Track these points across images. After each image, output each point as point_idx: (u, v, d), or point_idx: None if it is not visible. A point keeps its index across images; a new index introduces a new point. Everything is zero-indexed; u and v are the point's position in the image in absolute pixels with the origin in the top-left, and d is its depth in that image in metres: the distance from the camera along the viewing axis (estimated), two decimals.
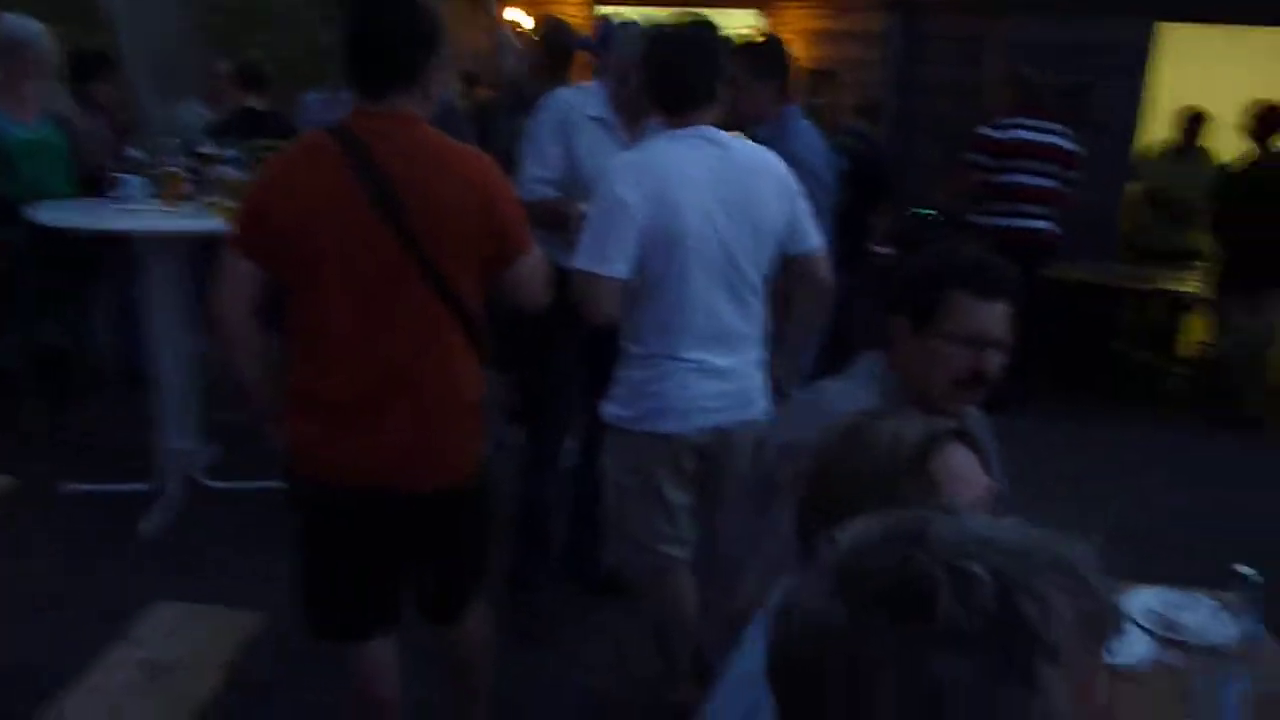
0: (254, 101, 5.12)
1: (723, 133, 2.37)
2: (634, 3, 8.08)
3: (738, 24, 7.68)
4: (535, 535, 3.29)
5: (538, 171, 2.96)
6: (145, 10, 11.67)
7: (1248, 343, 5.64)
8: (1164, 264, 6.30)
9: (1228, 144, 6.68)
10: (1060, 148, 5.50)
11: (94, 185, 3.90)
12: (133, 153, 3.81)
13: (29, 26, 3.90)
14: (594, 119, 2.97)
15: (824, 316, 2.61)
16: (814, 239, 2.48)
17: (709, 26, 2.39)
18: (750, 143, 2.46)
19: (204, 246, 3.80)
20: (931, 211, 6.33)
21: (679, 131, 2.33)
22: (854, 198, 4.65)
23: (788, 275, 2.49)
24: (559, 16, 5.12)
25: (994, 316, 1.73)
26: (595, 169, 2.88)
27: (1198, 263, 6.32)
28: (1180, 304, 6.29)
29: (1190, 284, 6.06)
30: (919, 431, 1.14)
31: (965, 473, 1.15)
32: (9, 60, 3.85)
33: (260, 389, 2.08)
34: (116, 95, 4.92)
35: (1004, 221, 5.47)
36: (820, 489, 1.16)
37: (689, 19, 2.41)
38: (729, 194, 2.31)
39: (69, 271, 4.00)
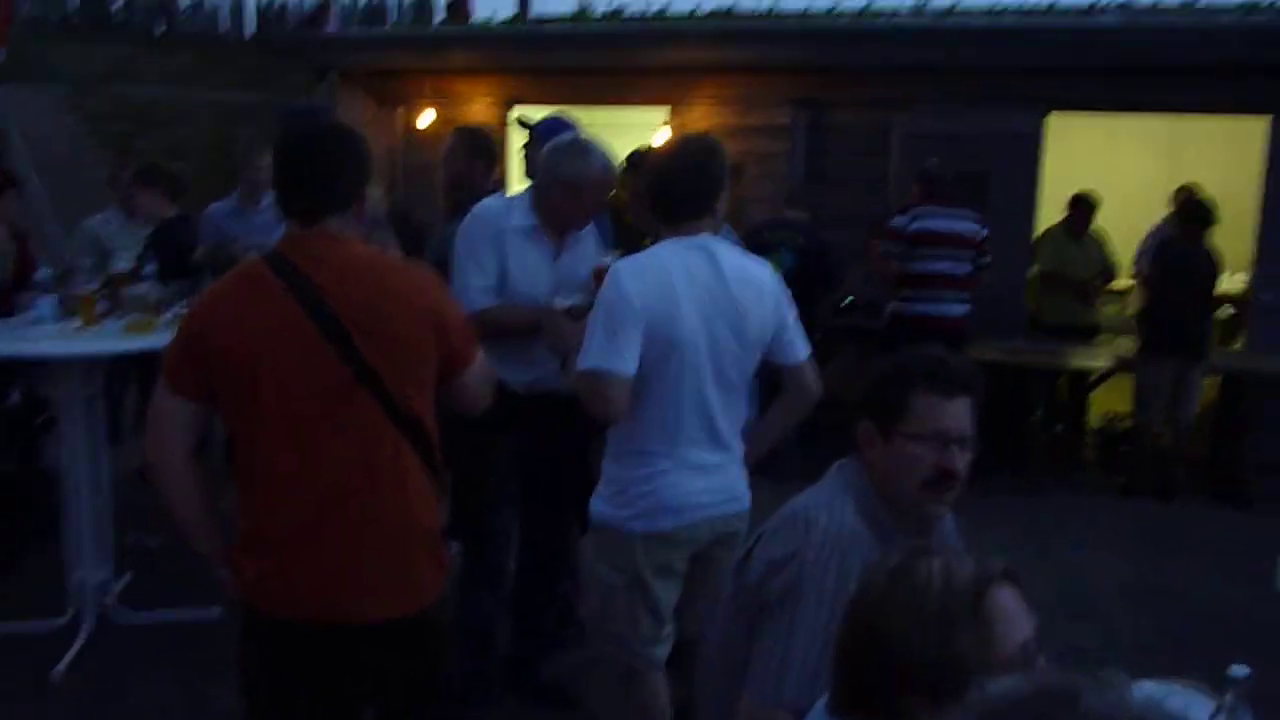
0: (170, 209, 4.98)
1: (719, 242, 2.45)
2: (547, 101, 8.25)
3: (646, 121, 7.93)
4: (478, 650, 3.23)
5: (479, 281, 3.00)
6: (33, 119, 11.44)
7: (1166, 412, 5.88)
8: (1068, 340, 6.56)
9: (1116, 225, 7.09)
10: (969, 234, 5.71)
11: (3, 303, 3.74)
12: (43, 271, 3.66)
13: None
14: (521, 228, 3.03)
15: (804, 416, 2.67)
16: (802, 350, 2.58)
17: (709, 142, 2.52)
18: (744, 253, 2.53)
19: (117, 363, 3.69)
20: (848, 299, 6.50)
21: (679, 239, 2.42)
22: (803, 293, 4.77)
23: (778, 382, 2.60)
24: (471, 124, 5.18)
25: (956, 412, 1.76)
26: (525, 278, 2.99)
27: (1099, 337, 6.61)
28: (1089, 378, 6.54)
29: (1098, 358, 6.31)
30: (970, 572, 1.13)
31: (1016, 613, 1.15)
32: None
33: (204, 530, 1.99)
34: (18, 208, 4.73)
35: (923, 307, 5.64)
36: (867, 630, 1.13)
37: (691, 134, 2.53)
38: (722, 302, 2.39)
39: None
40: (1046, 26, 7.47)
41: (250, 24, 17.99)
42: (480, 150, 4.06)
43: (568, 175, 2.95)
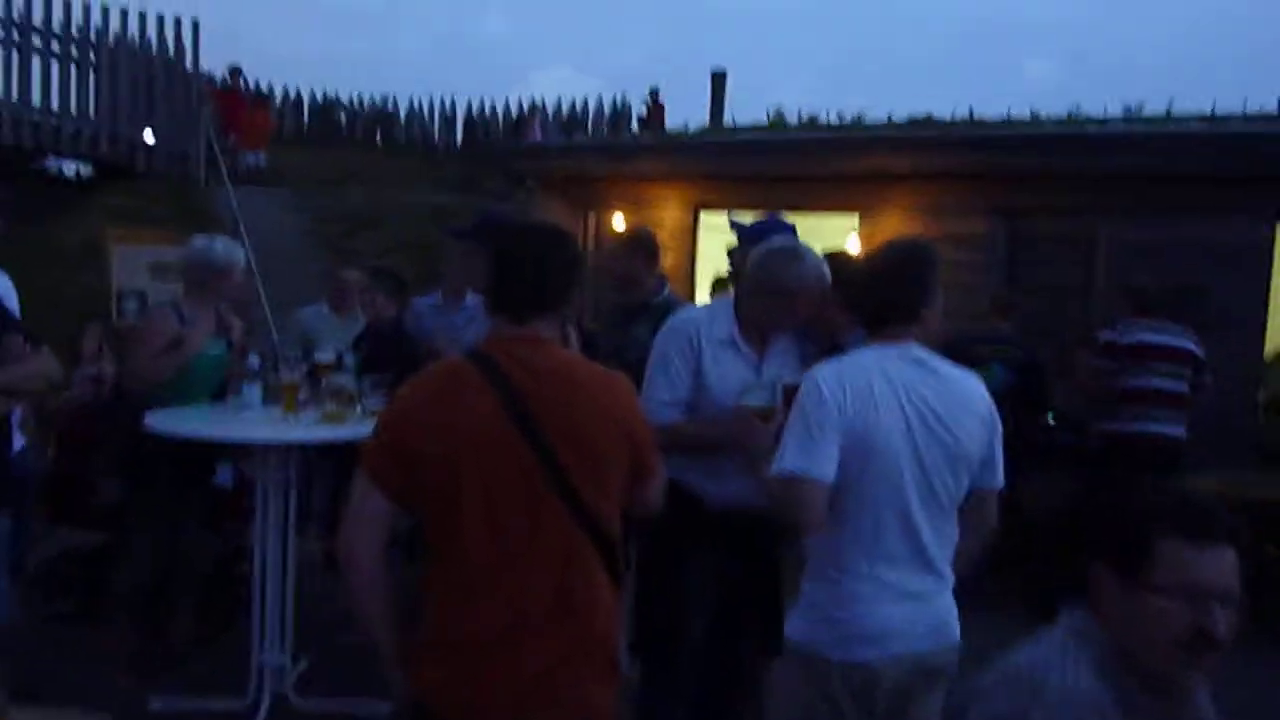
0: (393, 309, 5.10)
1: (929, 353, 2.33)
2: (735, 206, 8.30)
3: (835, 229, 7.84)
4: None
5: (666, 395, 2.92)
6: (261, 216, 12.38)
7: None
8: None
9: None
10: (1185, 350, 5.28)
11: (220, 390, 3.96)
12: (253, 359, 3.84)
13: (236, 252, 4.03)
14: (723, 339, 2.94)
15: (983, 551, 2.44)
16: (1000, 478, 2.39)
17: (922, 245, 2.41)
18: (957, 367, 2.37)
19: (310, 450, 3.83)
20: (1053, 416, 6.09)
21: (883, 347, 2.30)
22: (1017, 412, 4.48)
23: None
24: (647, 227, 5.21)
25: (1216, 564, 1.51)
26: (725, 391, 2.86)
27: None
28: None
29: None
30: None
31: None
32: (214, 281, 3.96)
33: (386, 630, 1.95)
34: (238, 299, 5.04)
35: (1136, 426, 5.21)
36: None
37: (902, 237, 2.41)
38: (931, 416, 2.24)
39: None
40: (1273, 133, 6.97)
41: (460, 133, 19.13)
42: (641, 246, 4.09)
43: (782, 282, 2.84)
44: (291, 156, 16.13)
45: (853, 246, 7.17)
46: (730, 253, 3.66)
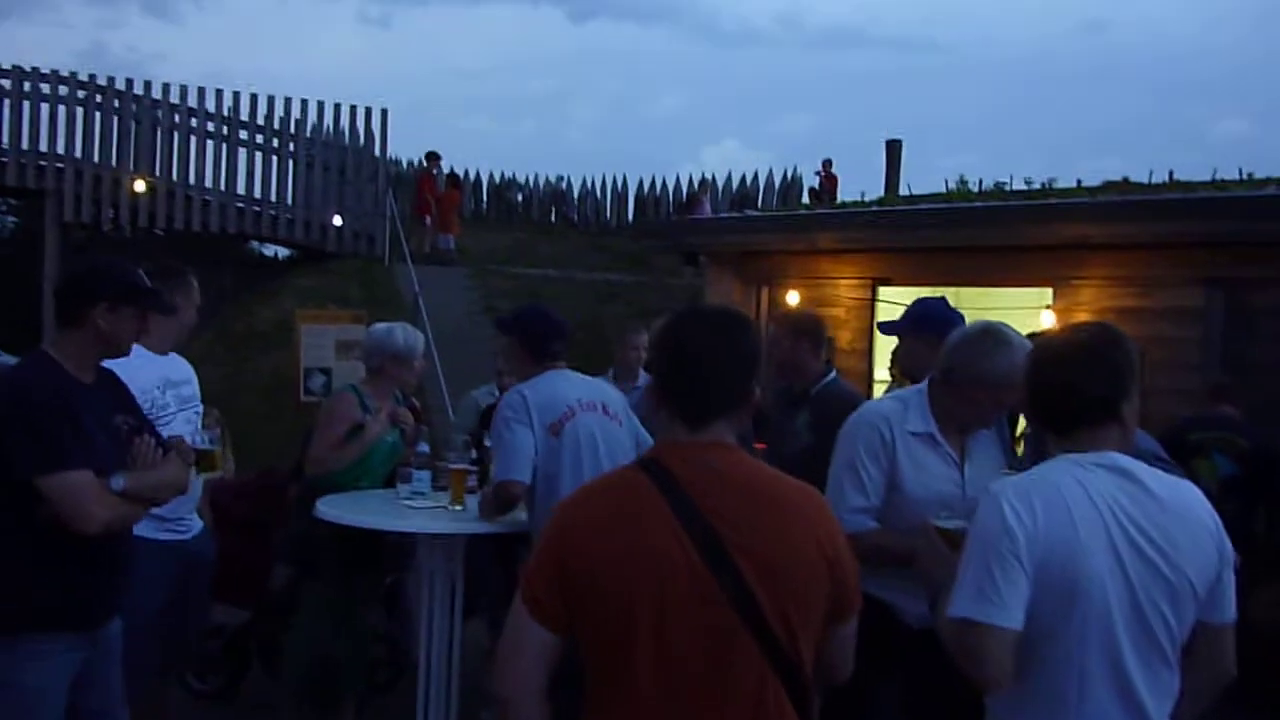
0: None
1: (1133, 460, 1.91)
2: (916, 281, 7.91)
3: (1026, 303, 7.34)
4: None
5: (859, 500, 2.60)
6: (440, 294, 12.73)
7: None
8: None
9: None
10: None
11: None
12: (423, 446, 3.77)
13: (416, 339, 4.03)
14: (920, 434, 2.62)
15: (1214, 700, 1.99)
16: (1232, 610, 1.93)
17: (1110, 331, 2.01)
18: (1170, 474, 1.97)
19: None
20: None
21: (1078, 456, 1.90)
22: (1243, 510, 3.99)
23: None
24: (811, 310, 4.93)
25: None
26: (924, 494, 2.53)
27: None
28: None
29: None
30: None
31: None
32: (393, 368, 3.96)
33: None
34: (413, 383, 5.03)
35: None
36: None
37: (1086, 322, 2.04)
38: (1145, 541, 1.82)
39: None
40: None
41: (631, 209, 19.42)
42: (805, 331, 3.85)
43: (990, 373, 2.52)
44: (469, 236, 16.71)
45: (1047, 322, 6.66)
46: (894, 350, 3.39)
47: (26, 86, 12.94)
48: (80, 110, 13.09)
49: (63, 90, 13.07)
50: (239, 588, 4.29)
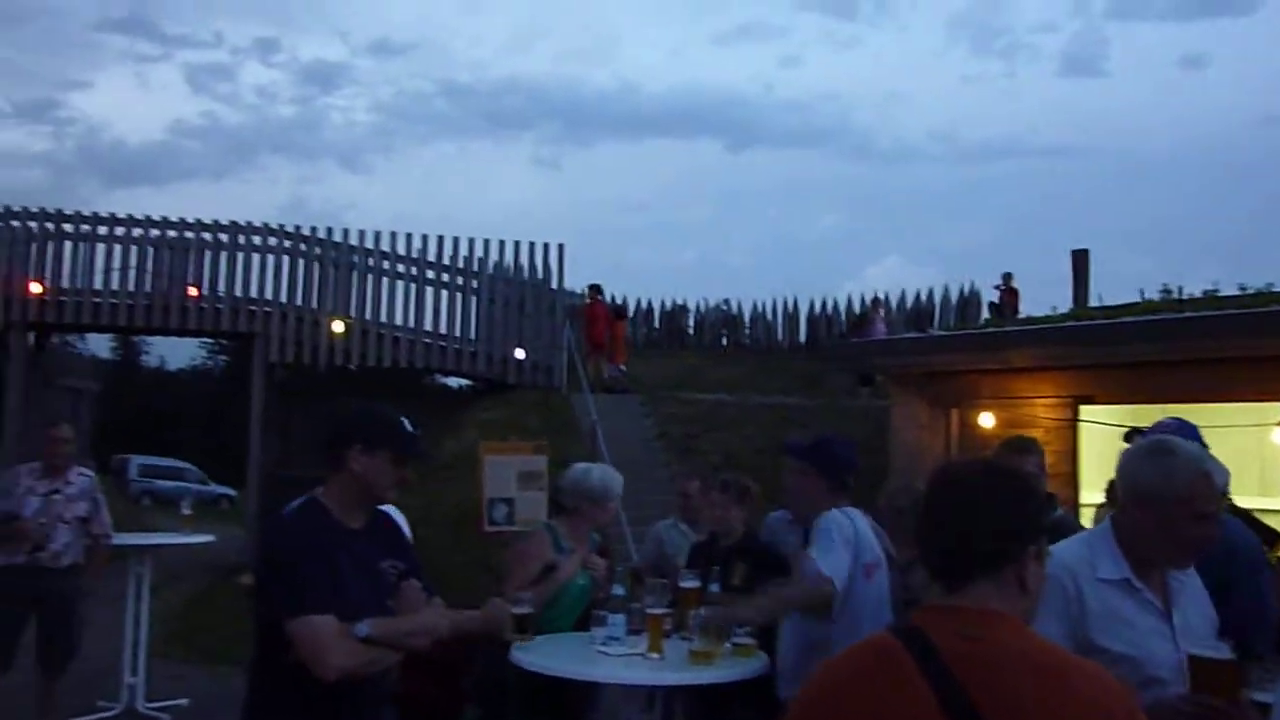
0: (741, 524, 4.74)
1: None
2: (1122, 399, 7.39)
3: (1249, 419, 6.70)
4: None
5: None
6: (615, 421, 12.78)
7: None
8: None
9: None
10: None
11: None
12: (617, 589, 3.64)
13: (612, 480, 4.00)
14: (1114, 581, 2.19)
15: None
16: None
17: None
18: None
19: None
20: None
21: None
22: None
23: None
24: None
25: None
26: (1134, 652, 2.11)
27: None
28: None
29: None
30: None
31: None
32: (589, 509, 3.93)
33: None
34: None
35: None
36: None
37: None
38: None
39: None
40: None
41: (803, 332, 19.24)
42: (1027, 453, 3.59)
43: (1146, 486, 2.15)
44: (641, 363, 16.88)
45: None
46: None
47: (240, 239, 14.08)
48: (285, 258, 14.10)
49: (270, 241, 14.14)
50: None
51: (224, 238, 14.07)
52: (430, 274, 14.58)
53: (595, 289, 16.00)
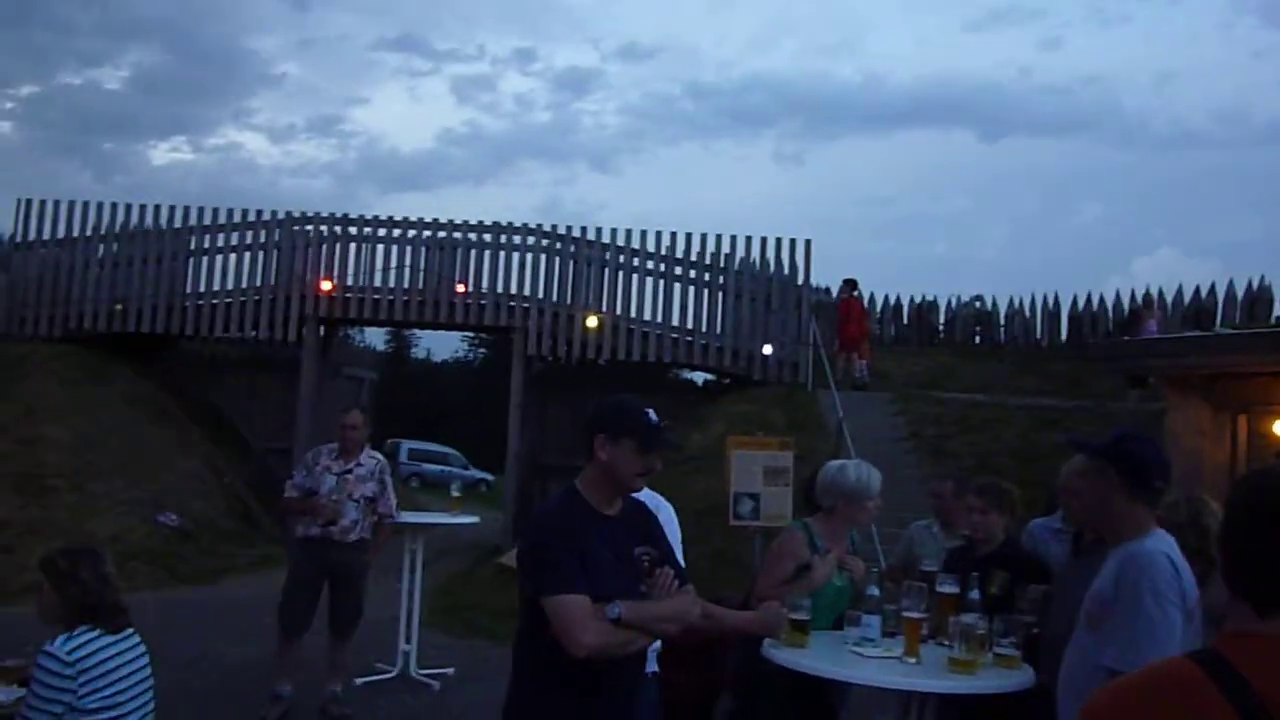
0: (1002, 531, 4.40)
1: None
2: None
3: None
4: None
5: None
6: (862, 420, 12.52)
7: None
8: None
9: None
10: None
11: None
12: (873, 590, 3.59)
13: (869, 477, 3.89)
14: None
15: None
16: None
17: None
18: None
19: None
20: None
21: None
22: None
23: None
24: None
25: None
26: None
27: None
28: None
29: None
30: None
31: None
32: (845, 507, 3.86)
33: None
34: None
35: None
36: None
37: None
38: None
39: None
40: None
41: (1064, 330, 18.10)
42: None
43: None
44: (889, 360, 16.45)
45: None
46: None
47: (502, 239, 14.90)
48: (543, 256, 14.79)
49: (529, 240, 14.88)
50: (682, 715, 4.32)
51: (487, 237, 14.94)
52: (678, 270, 14.87)
53: (850, 283, 15.72)
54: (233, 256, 15.01)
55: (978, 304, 19.14)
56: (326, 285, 14.56)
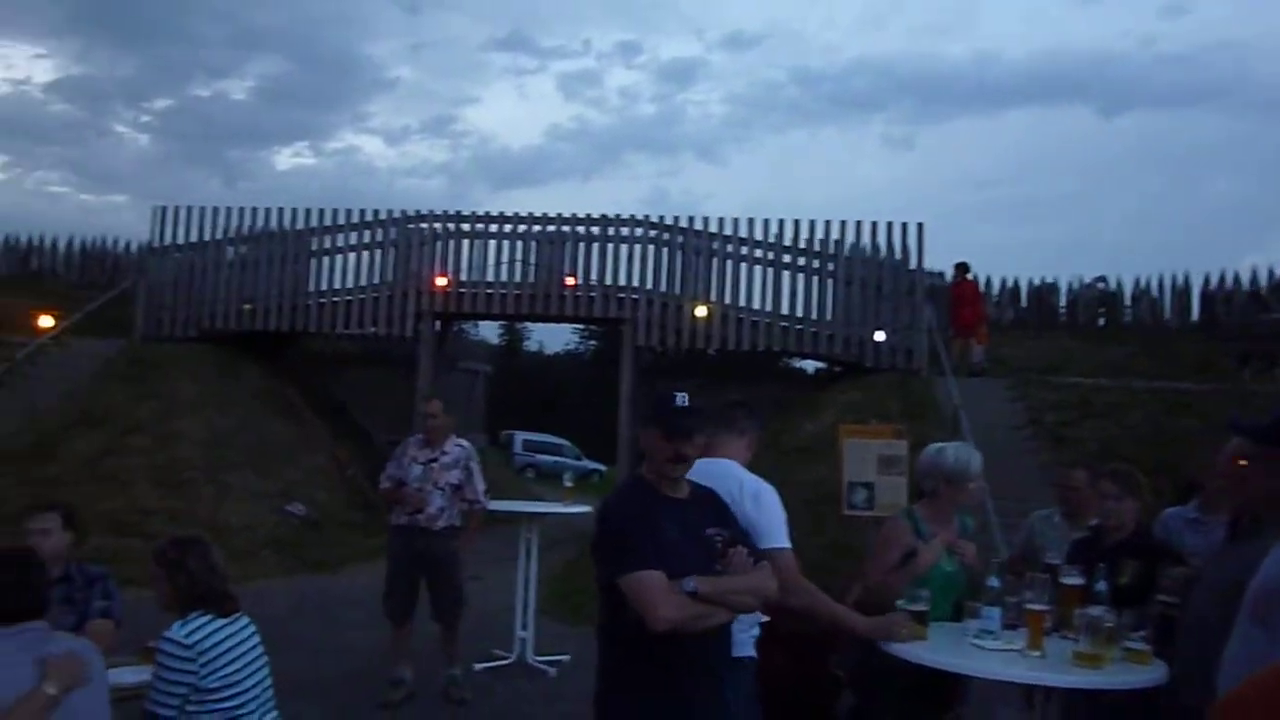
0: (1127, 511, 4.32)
1: None
2: None
3: None
4: None
5: None
6: (980, 407, 12.19)
7: None
8: None
9: None
10: None
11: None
12: (993, 580, 3.49)
13: (969, 458, 3.83)
14: None
15: None
16: None
17: None
18: None
19: None
20: None
21: None
22: None
23: None
24: None
25: None
26: None
27: None
28: None
29: None
30: None
31: None
32: (946, 490, 3.81)
33: None
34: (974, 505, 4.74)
35: None
36: None
37: None
38: None
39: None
40: None
41: (1195, 311, 17.27)
42: None
43: None
44: (1008, 345, 15.97)
45: None
46: None
47: (610, 231, 15.01)
48: (651, 248, 14.84)
49: (637, 231, 14.94)
50: (787, 706, 4.28)
51: (595, 230, 15.06)
52: (787, 258, 14.73)
53: (962, 267, 15.32)
54: (352, 256, 15.50)
55: (1100, 285, 18.39)
56: (441, 281, 14.91)
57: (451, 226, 15.27)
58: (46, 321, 15.31)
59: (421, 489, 6.23)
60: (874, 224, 14.72)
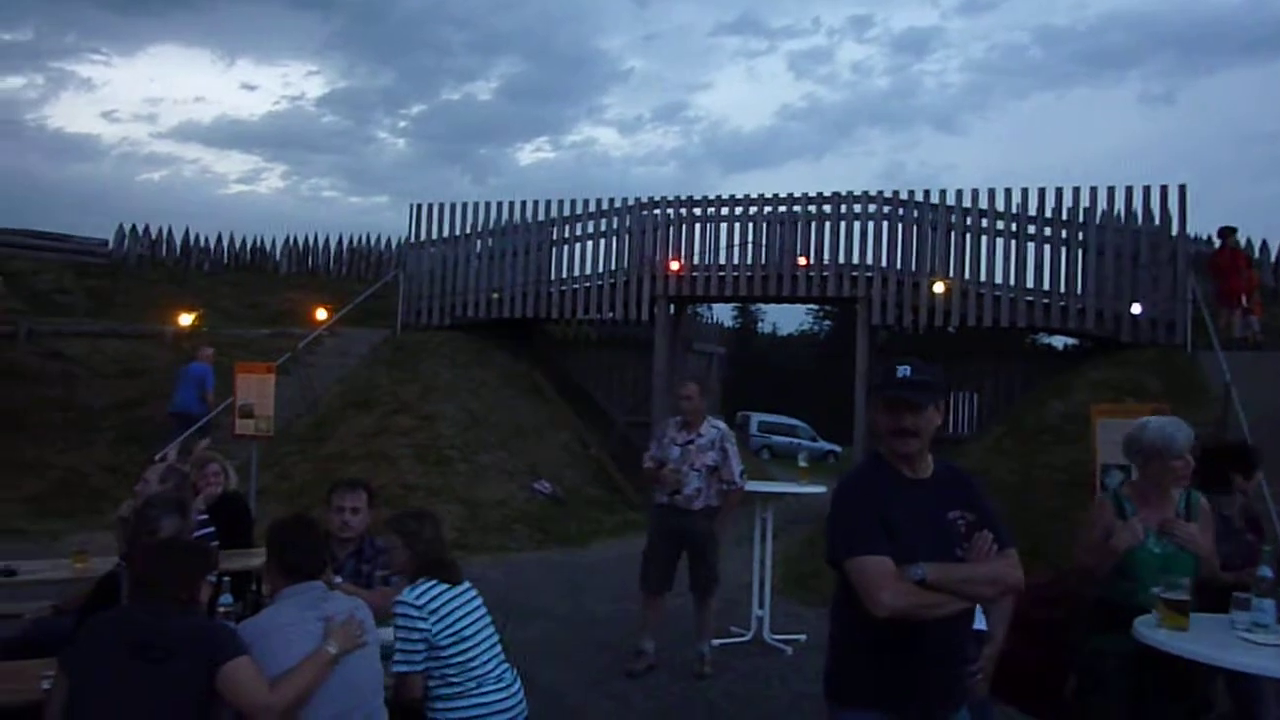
0: None
1: None
2: None
3: None
4: None
5: None
6: (1255, 384, 11.14)
7: None
8: None
9: None
10: None
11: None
12: (1264, 570, 3.26)
13: (1172, 432, 3.63)
14: None
15: None
16: None
17: None
18: None
19: None
20: None
21: None
22: None
23: None
24: None
25: None
26: None
27: None
28: None
29: None
30: None
31: None
32: (1148, 466, 3.66)
33: None
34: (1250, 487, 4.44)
35: None
36: None
37: None
38: None
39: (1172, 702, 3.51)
40: None
41: None
42: None
43: None
44: None
45: None
46: None
47: (843, 209, 14.78)
48: (885, 224, 14.49)
49: (870, 208, 14.63)
50: (1020, 689, 4.15)
51: (827, 209, 14.86)
52: (1031, 229, 13.98)
53: (1227, 231, 14.01)
54: (589, 244, 16.08)
55: None
56: (675, 265, 15.20)
57: (683, 211, 15.52)
58: (321, 314, 16.92)
59: (679, 470, 6.47)
60: (1129, 189, 13.71)
